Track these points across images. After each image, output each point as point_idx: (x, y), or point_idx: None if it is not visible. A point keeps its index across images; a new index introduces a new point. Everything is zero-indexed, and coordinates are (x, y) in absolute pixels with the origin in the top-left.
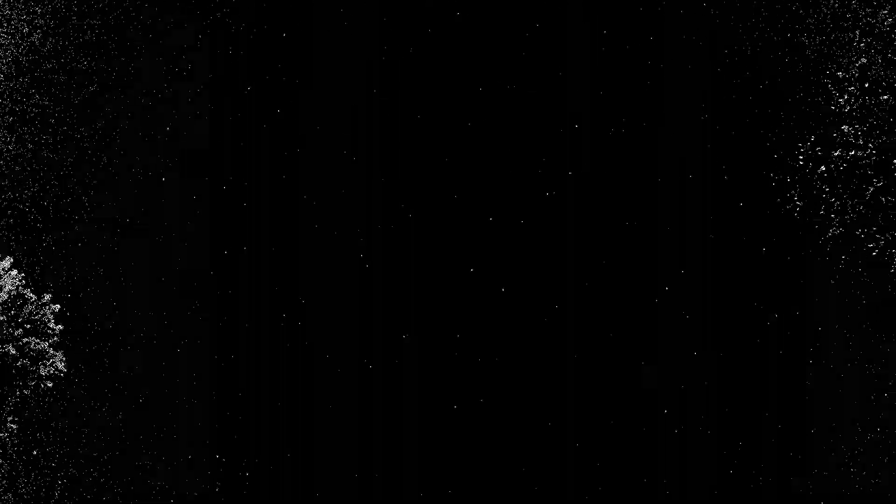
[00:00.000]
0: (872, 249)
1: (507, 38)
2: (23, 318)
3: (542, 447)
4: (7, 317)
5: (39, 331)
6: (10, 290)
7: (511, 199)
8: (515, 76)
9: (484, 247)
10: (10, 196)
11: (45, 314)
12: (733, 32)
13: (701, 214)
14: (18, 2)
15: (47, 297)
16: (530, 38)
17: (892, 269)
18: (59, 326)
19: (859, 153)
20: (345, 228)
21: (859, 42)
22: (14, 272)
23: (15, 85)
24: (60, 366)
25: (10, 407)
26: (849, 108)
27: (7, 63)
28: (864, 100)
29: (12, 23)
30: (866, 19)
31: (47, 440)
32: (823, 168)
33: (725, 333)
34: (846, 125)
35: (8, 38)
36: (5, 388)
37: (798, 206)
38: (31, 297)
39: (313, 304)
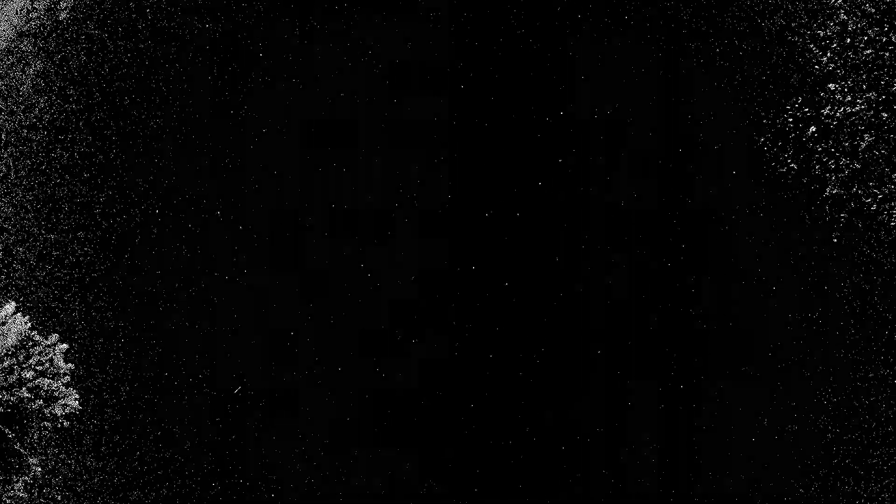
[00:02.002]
0: (871, 205)
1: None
2: (32, 360)
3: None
4: (17, 361)
5: (50, 371)
6: (17, 334)
7: (503, 193)
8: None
9: (482, 243)
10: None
11: (53, 354)
12: (711, 3)
13: (696, 185)
14: None
15: (54, 337)
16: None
17: (892, 223)
18: (70, 365)
19: (848, 109)
20: (341, 231)
21: None
22: (18, 316)
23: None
24: (75, 404)
25: (30, 449)
26: (833, 65)
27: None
28: (847, 56)
29: None
30: None
31: (70, 479)
32: (814, 128)
33: (727, 299)
34: (832, 83)
35: None
36: (24, 430)
37: (793, 168)
38: (38, 339)
39: (315, 311)
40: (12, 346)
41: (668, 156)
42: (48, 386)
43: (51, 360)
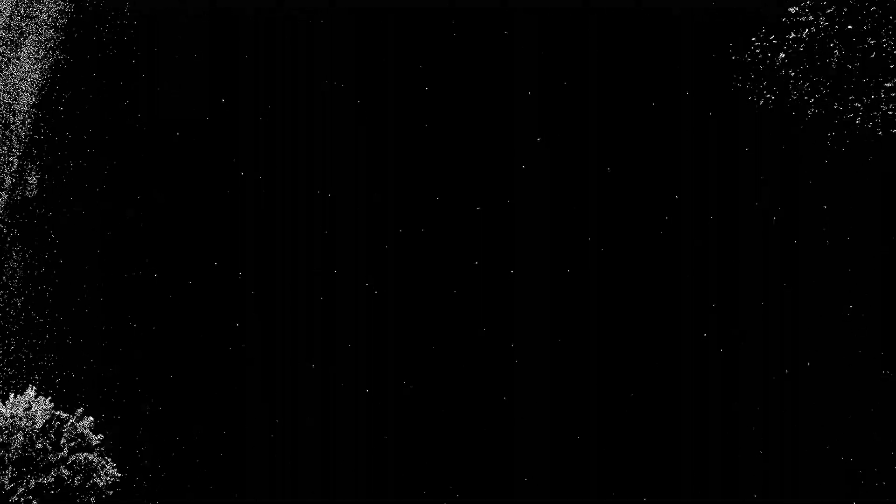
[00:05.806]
0: (853, 119)
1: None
2: (63, 438)
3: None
4: (49, 441)
5: (83, 445)
6: (43, 416)
7: (492, 183)
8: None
9: (480, 238)
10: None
11: (83, 428)
12: None
13: (681, 134)
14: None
15: (79, 410)
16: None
17: (878, 132)
18: (100, 436)
19: (812, 29)
20: (337, 235)
21: None
22: (41, 398)
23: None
24: (115, 472)
25: None
26: None
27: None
28: None
29: None
30: None
31: None
32: (783, 54)
33: (726, 232)
34: (792, 7)
35: None
36: None
37: (770, 98)
38: (65, 416)
39: (319, 318)
40: (41, 429)
41: (645, 109)
42: (84, 460)
43: (81, 434)
